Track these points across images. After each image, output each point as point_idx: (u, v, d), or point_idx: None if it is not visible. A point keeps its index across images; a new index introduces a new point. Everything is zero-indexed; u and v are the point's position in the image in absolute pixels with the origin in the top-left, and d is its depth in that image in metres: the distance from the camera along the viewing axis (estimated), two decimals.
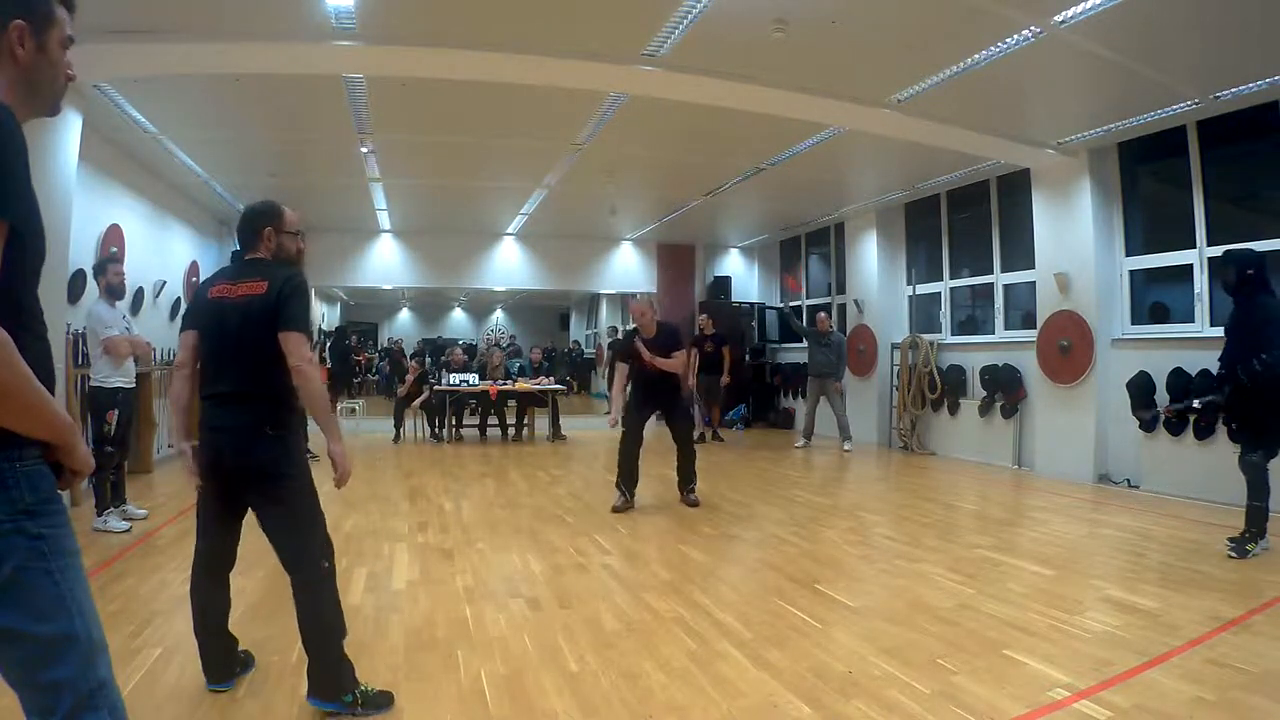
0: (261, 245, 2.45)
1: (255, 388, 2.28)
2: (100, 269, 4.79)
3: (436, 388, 9.62)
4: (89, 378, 4.90)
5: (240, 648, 2.56)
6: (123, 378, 4.67)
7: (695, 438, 9.21)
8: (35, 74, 1.24)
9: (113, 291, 4.72)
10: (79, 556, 1.23)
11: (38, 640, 1.15)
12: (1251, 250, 4.18)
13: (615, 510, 5.39)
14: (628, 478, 5.47)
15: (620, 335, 13.41)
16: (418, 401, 9.65)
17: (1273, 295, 4.00)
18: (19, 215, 1.12)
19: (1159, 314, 6.37)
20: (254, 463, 2.27)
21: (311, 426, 5.28)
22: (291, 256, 2.53)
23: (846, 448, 8.64)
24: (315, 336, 13.74)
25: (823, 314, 9.45)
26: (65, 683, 1.16)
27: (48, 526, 1.17)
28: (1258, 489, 3.99)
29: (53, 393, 1.19)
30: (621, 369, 5.72)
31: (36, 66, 1.24)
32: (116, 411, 4.61)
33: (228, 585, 2.48)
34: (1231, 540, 4.06)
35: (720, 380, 9.75)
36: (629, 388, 5.72)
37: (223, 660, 2.45)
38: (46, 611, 1.16)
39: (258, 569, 3.79)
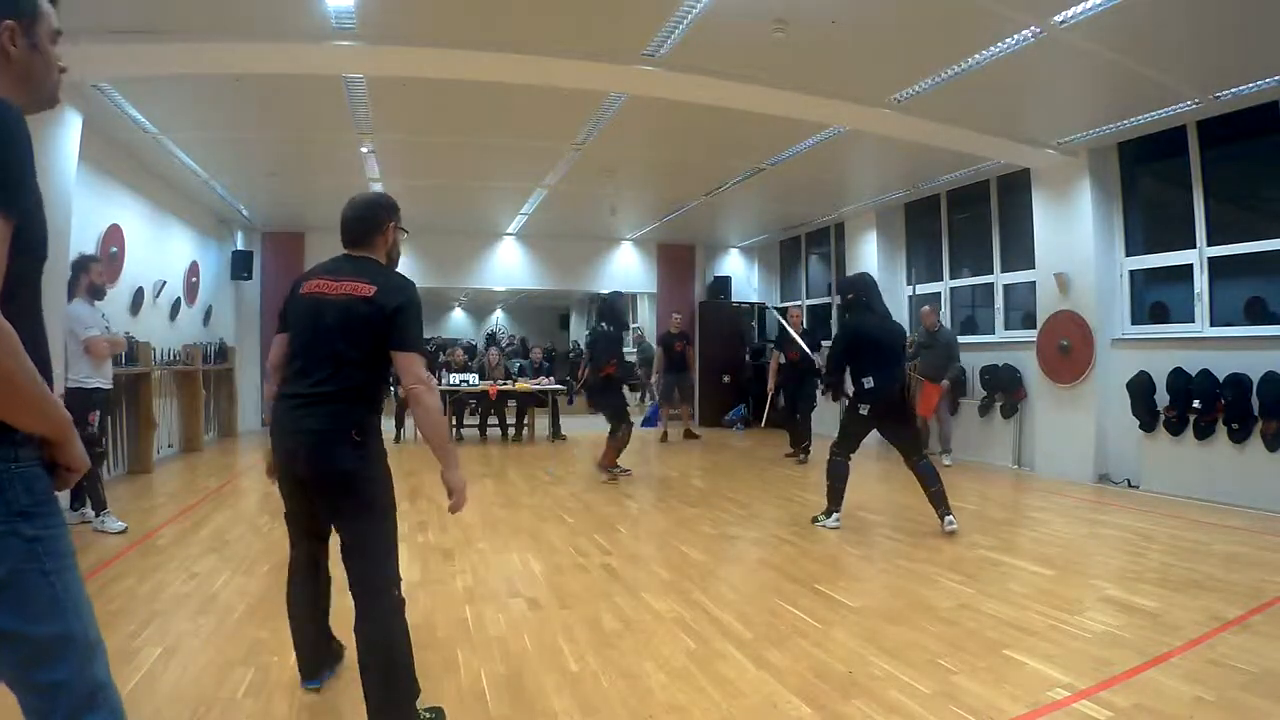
0: (379, 240, 2.30)
1: (343, 390, 2.12)
2: (82, 266, 4.64)
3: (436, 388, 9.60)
4: (66, 378, 4.78)
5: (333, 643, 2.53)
6: (101, 379, 4.63)
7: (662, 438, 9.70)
8: (31, 70, 1.25)
9: (94, 291, 4.65)
10: (74, 558, 1.23)
11: (35, 642, 1.15)
12: (852, 278, 5.23)
13: (786, 455, 7.99)
14: (796, 438, 8.03)
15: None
16: None
17: (867, 315, 4.87)
18: (24, 213, 1.12)
19: (1159, 314, 6.36)
20: (334, 470, 2.09)
21: None
22: (397, 257, 2.39)
23: (946, 462, 7.37)
24: None
25: (927, 306, 7.85)
26: (63, 684, 1.16)
27: (43, 528, 1.17)
28: (828, 473, 4.88)
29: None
30: (776, 354, 8.24)
31: (31, 63, 1.25)
32: (98, 413, 4.57)
33: (321, 585, 2.42)
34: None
35: (690, 379, 9.87)
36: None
37: (311, 657, 2.43)
38: (43, 613, 1.15)
39: (262, 564, 3.80)
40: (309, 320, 2.18)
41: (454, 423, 9.77)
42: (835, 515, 4.81)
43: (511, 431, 9.98)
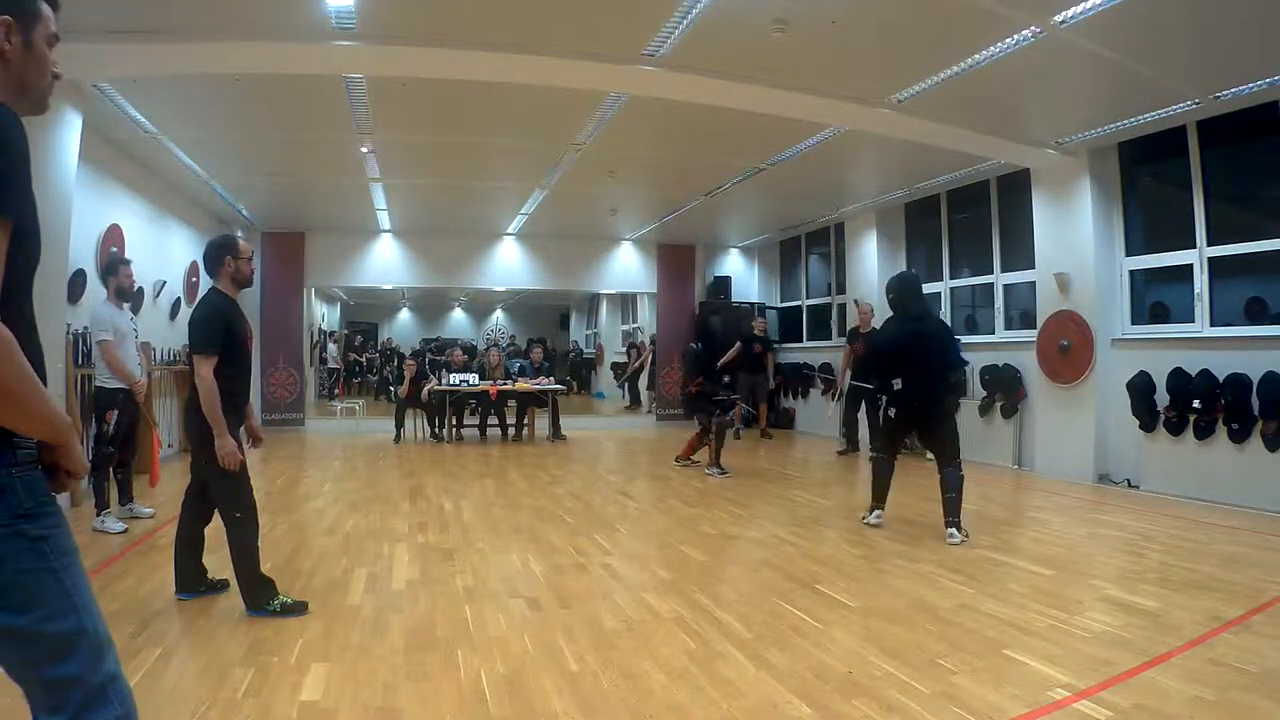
0: (221, 272, 3.14)
1: (192, 390, 3.05)
2: (112, 269, 4.79)
3: (435, 388, 9.60)
4: (92, 377, 4.92)
5: (218, 578, 3.39)
6: (119, 380, 4.67)
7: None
8: (23, 71, 1.24)
9: (122, 294, 4.75)
10: (78, 555, 1.25)
11: (47, 638, 1.17)
12: (894, 277, 4.90)
13: (839, 453, 8.32)
14: (851, 431, 8.31)
15: (637, 340, 14.00)
16: (423, 393, 9.62)
17: (891, 320, 4.76)
18: (22, 215, 1.13)
19: (1159, 314, 6.36)
20: (193, 439, 3.13)
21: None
22: (247, 278, 3.21)
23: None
24: (315, 336, 13.71)
25: None
26: (75, 678, 1.19)
27: (47, 528, 1.19)
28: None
29: None
30: (847, 351, 8.48)
31: (24, 63, 1.24)
32: (115, 412, 4.62)
33: (197, 522, 3.29)
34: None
35: (766, 381, 10.26)
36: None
37: (184, 575, 3.30)
38: (54, 610, 1.18)
39: (262, 563, 3.78)
40: None
41: (454, 423, 9.77)
42: (878, 512, 4.93)
43: (511, 431, 9.98)
